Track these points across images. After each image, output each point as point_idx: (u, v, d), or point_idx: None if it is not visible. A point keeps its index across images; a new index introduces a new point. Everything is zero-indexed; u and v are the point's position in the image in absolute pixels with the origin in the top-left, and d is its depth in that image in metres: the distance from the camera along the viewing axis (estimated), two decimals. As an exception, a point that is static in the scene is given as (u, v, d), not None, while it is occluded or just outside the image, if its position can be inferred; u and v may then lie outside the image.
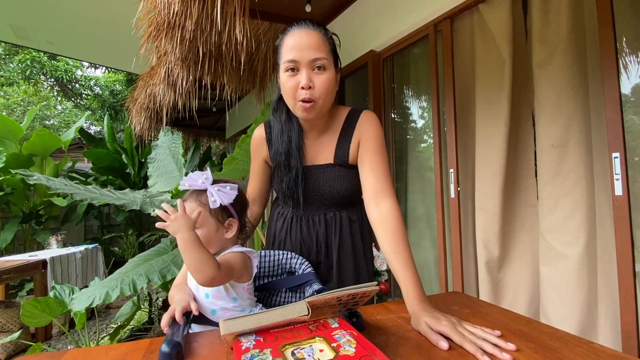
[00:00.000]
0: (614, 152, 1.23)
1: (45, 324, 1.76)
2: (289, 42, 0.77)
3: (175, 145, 2.31)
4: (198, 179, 0.70)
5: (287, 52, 0.77)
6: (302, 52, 0.75)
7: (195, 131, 6.22)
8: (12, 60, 9.37)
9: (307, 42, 0.75)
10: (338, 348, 0.44)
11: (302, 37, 0.76)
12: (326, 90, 0.77)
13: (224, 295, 0.71)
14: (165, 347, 0.50)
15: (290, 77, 0.77)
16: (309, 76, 0.75)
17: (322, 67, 0.76)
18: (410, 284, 0.66)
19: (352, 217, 0.91)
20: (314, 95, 0.76)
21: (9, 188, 3.79)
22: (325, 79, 0.77)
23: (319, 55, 0.75)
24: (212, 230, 0.71)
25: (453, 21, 1.89)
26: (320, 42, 0.76)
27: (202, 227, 0.70)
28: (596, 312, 1.37)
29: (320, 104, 0.78)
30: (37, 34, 3.55)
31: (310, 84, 0.76)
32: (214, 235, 0.71)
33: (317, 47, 0.75)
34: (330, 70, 0.78)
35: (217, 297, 0.70)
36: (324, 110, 0.82)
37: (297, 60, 0.75)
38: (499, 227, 1.67)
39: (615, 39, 1.24)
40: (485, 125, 1.74)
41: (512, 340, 0.53)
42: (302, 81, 0.75)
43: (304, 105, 0.77)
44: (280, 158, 0.88)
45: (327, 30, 0.82)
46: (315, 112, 0.79)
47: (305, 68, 0.75)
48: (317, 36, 0.76)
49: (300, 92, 0.76)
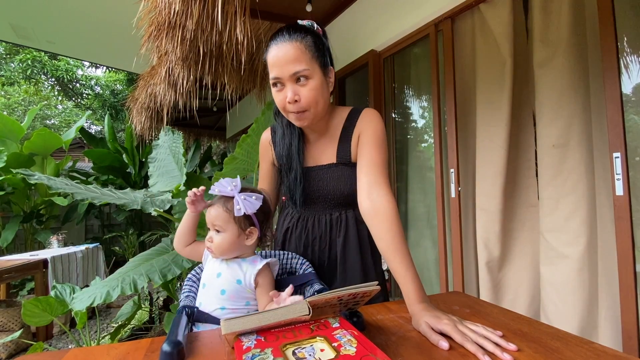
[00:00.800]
0: (615, 152, 1.23)
1: (46, 323, 1.77)
2: (270, 58, 0.77)
3: (175, 145, 2.31)
4: (227, 186, 0.73)
5: (270, 69, 0.77)
6: (282, 68, 0.75)
7: (196, 131, 6.22)
8: (13, 60, 9.38)
9: (284, 57, 0.75)
10: (339, 348, 0.44)
11: (280, 52, 0.75)
12: (314, 98, 0.77)
13: (241, 296, 0.73)
14: (167, 346, 0.50)
15: (277, 92, 0.79)
16: (294, 90, 0.76)
17: (304, 77, 0.76)
18: (410, 284, 0.65)
19: (358, 217, 0.90)
20: (302, 106, 0.77)
21: (10, 187, 3.80)
22: (309, 89, 0.77)
23: (299, 67, 0.75)
24: (233, 235, 0.74)
25: (454, 21, 1.89)
26: (298, 53, 0.75)
27: (225, 232, 0.73)
28: (597, 312, 1.37)
29: (312, 112, 0.79)
30: (38, 33, 3.55)
31: (296, 98, 0.76)
32: (235, 241, 0.74)
33: (295, 59, 0.74)
34: (314, 78, 0.77)
35: (233, 297, 0.72)
36: (320, 115, 0.82)
37: (279, 76, 0.76)
38: (499, 226, 1.67)
39: (616, 39, 1.24)
40: (486, 125, 1.74)
41: (513, 340, 0.53)
42: (288, 96, 0.76)
43: (296, 116, 0.79)
44: (282, 161, 0.90)
45: (308, 31, 0.79)
46: (309, 119, 0.80)
47: (289, 82, 0.76)
48: (293, 48, 0.75)
49: (288, 106, 0.78)
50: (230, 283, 0.72)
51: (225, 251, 0.74)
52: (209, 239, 0.75)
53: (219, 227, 0.73)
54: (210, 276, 0.75)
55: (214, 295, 0.72)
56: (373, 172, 0.79)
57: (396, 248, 0.69)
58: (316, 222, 0.91)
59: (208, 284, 0.74)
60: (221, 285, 0.72)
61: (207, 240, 0.75)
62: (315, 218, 0.91)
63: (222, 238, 0.73)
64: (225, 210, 0.73)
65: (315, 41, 0.79)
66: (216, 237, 0.74)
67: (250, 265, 0.75)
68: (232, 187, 0.73)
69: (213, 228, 0.74)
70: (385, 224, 0.72)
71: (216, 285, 0.73)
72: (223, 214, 0.73)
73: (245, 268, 0.74)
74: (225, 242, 0.73)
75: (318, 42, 0.79)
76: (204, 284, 0.75)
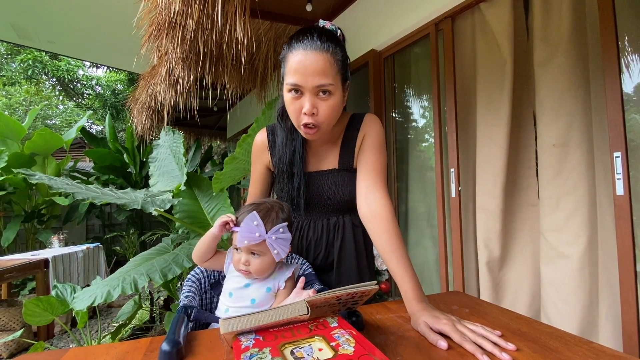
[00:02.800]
0: (615, 152, 1.22)
1: (47, 322, 1.77)
2: (293, 62, 0.70)
3: (176, 145, 2.31)
4: (254, 233, 0.67)
5: (290, 72, 0.71)
6: (306, 78, 0.69)
7: (196, 130, 6.23)
8: (14, 60, 9.40)
9: (311, 67, 0.69)
10: (337, 347, 0.44)
11: (307, 60, 0.69)
12: (330, 115, 0.74)
13: (270, 302, 0.73)
14: (166, 346, 0.50)
15: (293, 99, 0.73)
16: (313, 102, 0.71)
17: (327, 92, 0.71)
18: (408, 284, 0.65)
19: (355, 222, 0.90)
20: (318, 120, 0.73)
21: (11, 187, 3.81)
22: (329, 105, 0.72)
23: (324, 81, 0.70)
24: (272, 256, 0.71)
25: (454, 20, 1.89)
26: (326, 66, 0.69)
27: (265, 255, 0.70)
28: (597, 312, 1.37)
29: (324, 128, 0.76)
30: (39, 33, 3.56)
31: (314, 111, 0.72)
32: (273, 260, 0.71)
33: (322, 73, 0.69)
34: (336, 94, 0.73)
35: (262, 304, 0.72)
36: (328, 130, 0.80)
37: (301, 85, 0.70)
38: (499, 226, 1.67)
39: (617, 38, 1.24)
40: (486, 124, 1.73)
41: (512, 340, 0.53)
42: (305, 107, 0.71)
43: (307, 131, 0.75)
44: (282, 166, 0.87)
45: (338, 41, 0.74)
46: (318, 135, 0.77)
47: (309, 93, 0.71)
48: (323, 59, 0.69)
49: (303, 117, 0.73)
50: (260, 292, 0.73)
51: (265, 272, 0.72)
52: (244, 262, 0.70)
53: (258, 251, 0.70)
54: (237, 287, 0.74)
55: (244, 304, 0.72)
56: (372, 177, 0.80)
57: (393, 249, 0.70)
58: (312, 227, 0.91)
59: (236, 294, 0.73)
60: (250, 295, 0.73)
61: (242, 263, 0.70)
62: (311, 222, 0.91)
63: (263, 261, 0.70)
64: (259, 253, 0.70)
65: (343, 55, 0.75)
66: (255, 261, 0.70)
67: (278, 272, 0.75)
68: (259, 232, 0.67)
69: (248, 252, 0.70)
70: (382, 227, 0.73)
71: (245, 295, 0.73)
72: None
73: (273, 276, 0.75)
74: (266, 265, 0.71)
75: (344, 56, 0.76)
76: (230, 293, 0.74)
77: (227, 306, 0.73)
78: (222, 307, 0.74)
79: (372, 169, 0.81)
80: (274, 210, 0.73)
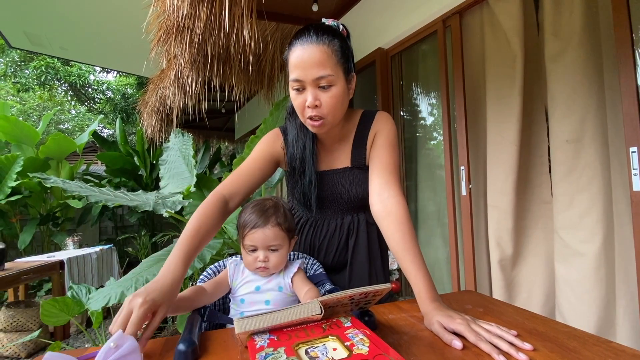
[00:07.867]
0: (631, 147, 1.20)
1: (63, 323, 1.81)
2: (293, 59, 0.73)
3: (185, 147, 2.34)
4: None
5: (292, 69, 0.74)
6: (305, 72, 0.71)
7: (205, 132, 6.28)
8: (28, 67, 9.63)
9: (309, 60, 0.71)
10: (351, 347, 0.44)
11: (305, 54, 0.71)
12: (334, 106, 0.75)
13: (284, 301, 0.75)
14: (182, 346, 0.50)
15: (297, 95, 0.76)
16: (315, 95, 0.73)
17: (328, 83, 0.73)
18: (422, 283, 0.65)
19: (369, 220, 0.89)
20: (322, 112, 0.74)
21: (27, 191, 3.90)
22: (331, 96, 0.74)
23: (323, 72, 0.71)
24: (287, 249, 0.77)
25: (462, 16, 1.87)
26: (324, 57, 0.71)
27: (282, 248, 0.75)
28: (614, 311, 1.34)
29: (330, 120, 0.77)
30: (51, 40, 3.64)
31: (317, 103, 0.73)
32: (287, 251, 0.77)
33: (320, 64, 0.71)
34: (338, 85, 0.74)
35: (277, 304, 0.74)
36: (335, 123, 0.80)
37: (301, 79, 0.73)
38: (512, 224, 1.65)
39: (632, 29, 1.21)
40: (496, 121, 1.71)
41: (528, 339, 0.52)
42: (308, 100, 0.73)
43: (313, 123, 0.76)
44: (295, 164, 0.87)
45: (335, 33, 0.75)
46: (326, 127, 0.78)
47: (310, 87, 0.73)
48: (320, 51, 0.71)
49: (307, 110, 0.75)
50: (273, 292, 0.74)
51: (281, 265, 0.76)
52: (263, 260, 0.72)
53: (277, 245, 0.73)
54: (248, 293, 0.74)
55: (259, 307, 0.73)
56: (385, 174, 0.79)
57: (407, 247, 0.69)
58: (326, 226, 0.90)
59: (248, 299, 0.74)
60: (264, 297, 0.73)
61: (260, 261, 0.72)
62: (325, 221, 0.91)
63: (281, 254, 0.74)
64: (281, 229, 0.74)
65: (342, 45, 0.75)
66: (273, 256, 0.73)
67: (285, 270, 0.77)
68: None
69: (267, 248, 0.73)
70: (396, 224, 0.72)
71: (258, 299, 0.73)
72: (280, 233, 0.73)
73: (282, 273, 0.76)
74: (283, 258, 0.75)
75: (344, 47, 0.76)
76: (242, 299, 0.74)
77: (241, 312, 0.74)
78: (236, 315, 0.74)
79: (385, 166, 0.80)
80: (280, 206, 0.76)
